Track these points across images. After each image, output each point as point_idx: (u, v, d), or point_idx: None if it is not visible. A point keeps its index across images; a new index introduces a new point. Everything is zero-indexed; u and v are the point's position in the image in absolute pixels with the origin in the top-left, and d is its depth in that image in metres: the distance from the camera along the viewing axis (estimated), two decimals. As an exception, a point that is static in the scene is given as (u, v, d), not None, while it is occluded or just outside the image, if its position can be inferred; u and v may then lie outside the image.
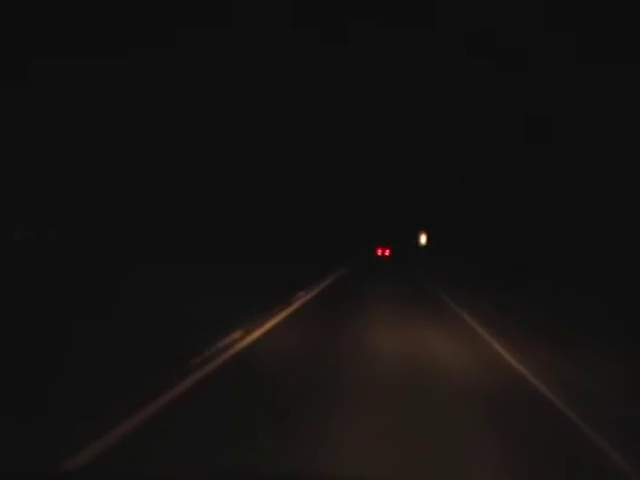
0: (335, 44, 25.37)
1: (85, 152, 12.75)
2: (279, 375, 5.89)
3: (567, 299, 14.11)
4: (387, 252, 65.88)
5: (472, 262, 28.38)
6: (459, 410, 4.96)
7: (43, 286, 10.27)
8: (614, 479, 3.92)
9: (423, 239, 44.45)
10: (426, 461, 3.85)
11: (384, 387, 5.66)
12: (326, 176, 38.08)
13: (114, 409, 4.37)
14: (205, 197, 17.80)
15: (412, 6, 23.12)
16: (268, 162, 23.21)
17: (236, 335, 7.76)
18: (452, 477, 3.75)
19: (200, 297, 11.07)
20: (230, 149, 19.32)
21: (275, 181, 24.86)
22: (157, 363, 5.93)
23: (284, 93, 22.82)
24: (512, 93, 21.89)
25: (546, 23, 18.27)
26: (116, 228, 13.18)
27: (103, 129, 13.03)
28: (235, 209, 19.94)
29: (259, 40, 19.35)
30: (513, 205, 24.34)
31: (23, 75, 10.81)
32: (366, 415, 4.74)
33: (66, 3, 12.39)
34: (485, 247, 29.03)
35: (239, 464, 3.70)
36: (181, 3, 15.57)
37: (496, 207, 27.50)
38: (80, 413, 4.24)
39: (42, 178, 11.97)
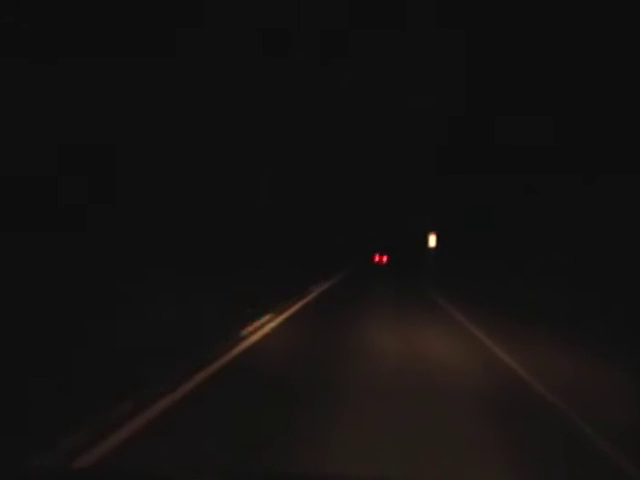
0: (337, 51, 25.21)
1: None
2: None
3: None
4: (384, 259, 61.11)
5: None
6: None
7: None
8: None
9: (432, 241, 36.20)
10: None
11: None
12: (323, 177, 37.21)
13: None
14: (203, 201, 17.73)
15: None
16: (265, 162, 23.09)
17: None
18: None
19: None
20: (226, 152, 19.26)
21: (273, 181, 24.70)
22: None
23: (282, 95, 22.72)
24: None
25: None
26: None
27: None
28: (230, 212, 19.79)
29: (258, 41, 19.30)
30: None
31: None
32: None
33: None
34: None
35: (239, 464, 3.71)
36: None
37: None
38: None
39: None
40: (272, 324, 9.97)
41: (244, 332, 8.65)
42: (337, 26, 23.27)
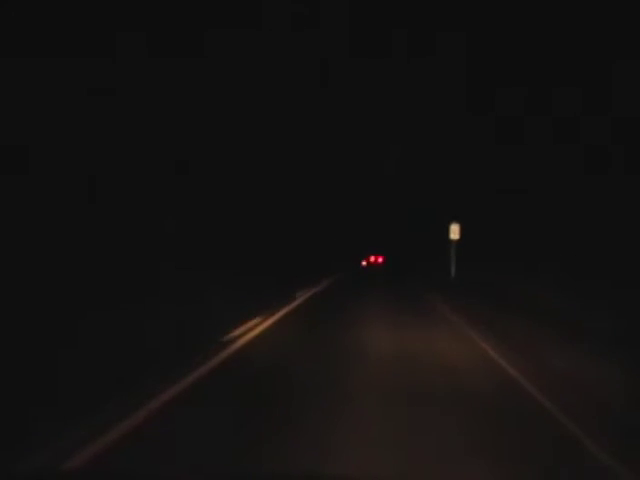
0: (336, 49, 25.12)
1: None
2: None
3: None
4: (380, 259, 54.94)
5: None
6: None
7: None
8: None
9: (455, 232, 24.43)
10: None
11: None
12: (318, 175, 35.70)
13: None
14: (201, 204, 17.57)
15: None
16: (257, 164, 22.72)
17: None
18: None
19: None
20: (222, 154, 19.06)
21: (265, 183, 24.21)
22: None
23: (277, 92, 22.45)
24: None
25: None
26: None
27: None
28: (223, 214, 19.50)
29: (261, 45, 19.25)
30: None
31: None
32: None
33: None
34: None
35: (239, 463, 3.64)
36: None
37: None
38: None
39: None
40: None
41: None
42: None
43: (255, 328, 9.57)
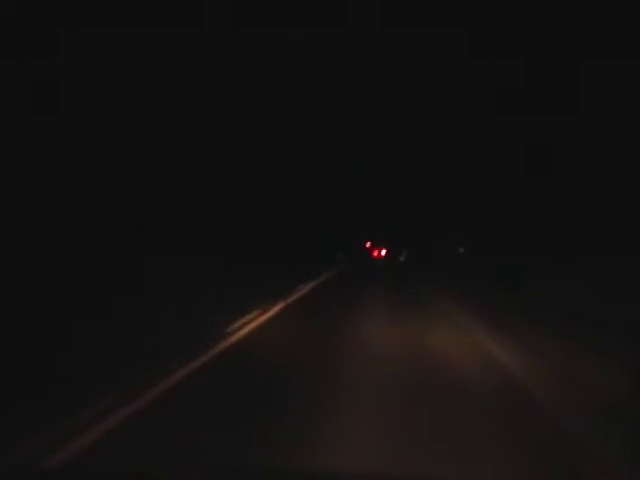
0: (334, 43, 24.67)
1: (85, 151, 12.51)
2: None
3: None
4: (382, 252, 52.71)
5: None
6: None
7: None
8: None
9: None
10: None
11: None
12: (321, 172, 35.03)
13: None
14: (195, 200, 17.39)
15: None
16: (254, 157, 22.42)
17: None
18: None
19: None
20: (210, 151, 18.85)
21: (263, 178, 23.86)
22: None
23: (272, 85, 22.19)
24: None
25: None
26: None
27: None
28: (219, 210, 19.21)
29: (255, 41, 19.09)
30: None
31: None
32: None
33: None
34: None
35: (238, 463, 3.55)
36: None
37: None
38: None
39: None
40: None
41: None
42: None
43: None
